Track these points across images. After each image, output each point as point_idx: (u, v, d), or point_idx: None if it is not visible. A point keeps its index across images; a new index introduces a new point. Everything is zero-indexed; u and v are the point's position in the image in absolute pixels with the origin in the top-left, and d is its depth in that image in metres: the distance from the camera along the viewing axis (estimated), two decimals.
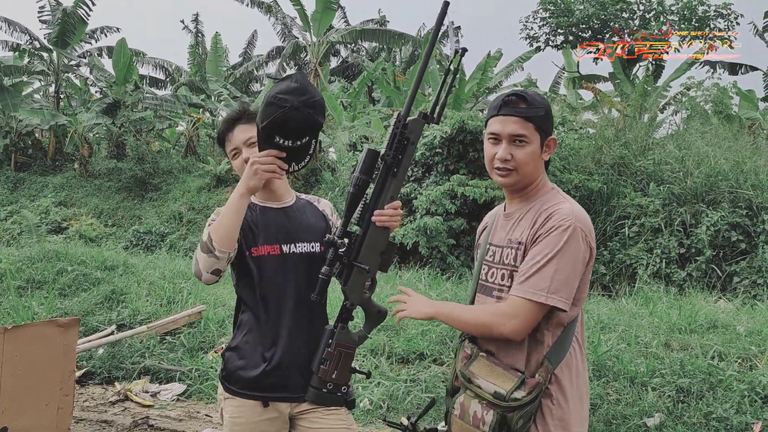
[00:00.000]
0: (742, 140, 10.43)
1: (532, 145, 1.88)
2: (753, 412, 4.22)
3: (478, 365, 1.86)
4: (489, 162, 1.96)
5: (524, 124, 1.86)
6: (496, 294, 1.92)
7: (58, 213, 16.44)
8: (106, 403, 5.09)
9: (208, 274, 2.05)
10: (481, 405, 1.79)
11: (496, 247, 1.97)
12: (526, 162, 1.89)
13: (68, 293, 7.26)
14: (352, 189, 2.01)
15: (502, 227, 1.99)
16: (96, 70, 21.03)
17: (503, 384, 1.77)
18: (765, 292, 7.48)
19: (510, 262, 1.89)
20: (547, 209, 1.86)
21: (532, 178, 1.93)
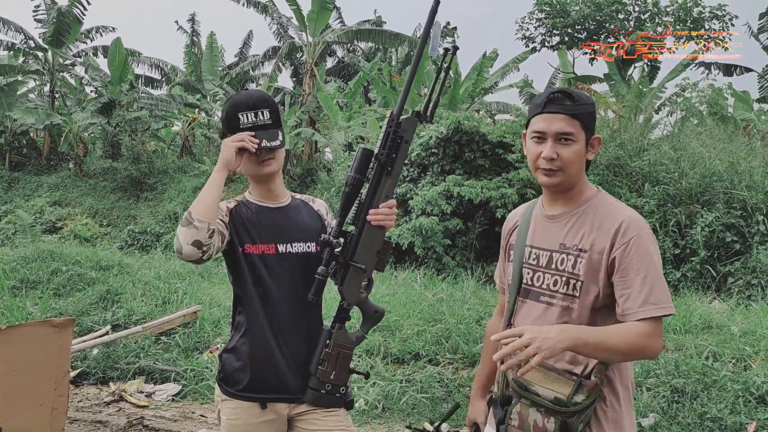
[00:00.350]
0: (736, 141, 10.46)
1: (579, 143, 1.82)
2: (747, 412, 4.23)
3: (532, 372, 1.76)
4: (533, 161, 1.87)
5: (571, 122, 1.80)
6: (546, 300, 1.86)
7: (53, 213, 16.38)
8: (100, 404, 5.07)
9: (188, 246, 1.97)
10: (540, 413, 1.74)
11: (541, 250, 1.90)
12: (572, 161, 1.81)
13: (63, 293, 7.24)
14: (346, 188, 2.01)
15: (547, 230, 1.91)
16: (91, 69, 20.98)
17: (561, 389, 1.72)
18: (759, 293, 7.51)
19: (567, 269, 1.82)
20: (611, 216, 1.81)
21: (577, 179, 1.87)
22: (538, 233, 1.93)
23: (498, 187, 9.35)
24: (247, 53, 27.28)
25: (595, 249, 1.79)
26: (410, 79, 2.03)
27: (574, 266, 1.81)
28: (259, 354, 2.17)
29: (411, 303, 6.54)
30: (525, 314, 1.91)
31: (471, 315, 6.06)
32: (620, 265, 1.75)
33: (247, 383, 2.17)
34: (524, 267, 1.93)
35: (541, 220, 1.94)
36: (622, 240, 1.76)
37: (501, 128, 10.15)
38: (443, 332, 5.64)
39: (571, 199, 1.89)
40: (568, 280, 1.82)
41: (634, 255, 1.74)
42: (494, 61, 17.59)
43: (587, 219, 1.84)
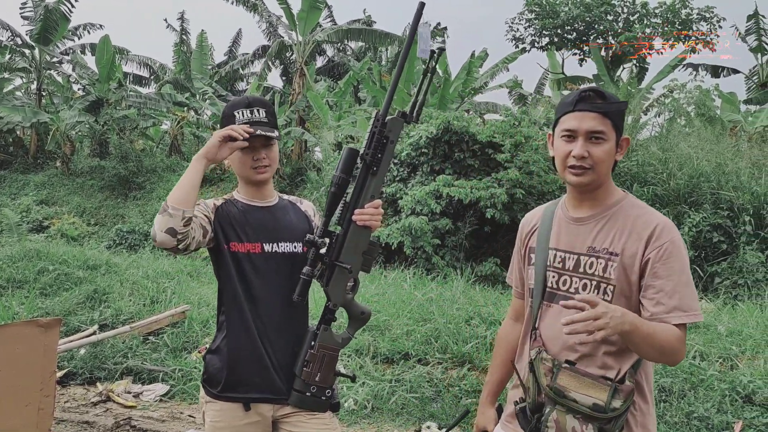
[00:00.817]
0: (723, 142, 10.56)
1: (610, 142, 1.79)
2: (734, 411, 4.27)
3: (565, 377, 1.75)
4: (562, 160, 1.83)
5: (602, 120, 1.78)
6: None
7: (40, 211, 16.25)
8: (87, 404, 5.04)
9: (162, 233, 1.95)
10: (577, 420, 1.70)
11: (568, 253, 1.86)
12: (603, 160, 1.79)
13: (49, 293, 7.19)
14: (332, 188, 2.01)
15: (572, 232, 1.88)
16: (79, 67, 20.83)
17: (598, 395, 1.69)
18: (746, 293, 7.58)
19: (598, 273, 1.80)
20: (643, 220, 1.79)
21: (606, 179, 1.84)
22: (563, 236, 1.89)
23: (487, 187, 9.37)
24: (237, 52, 27.19)
25: (627, 253, 1.77)
26: (396, 79, 2.02)
27: (605, 270, 1.78)
28: (243, 354, 2.15)
29: (400, 303, 6.54)
30: (553, 319, 1.85)
31: (460, 315, 6.06)
32: (652, 269, 1.74)
33: (230, 383, 2.15)
34: (549, 270, 1.89)
35: (565, 222, 1.91)
36: (655, 243, 1.74)
37: (490, 128, 10.17)
38: (432, 332, 5.64)
39: (599, 201, 1.86)
40: (599, 284, 1.79)
41: (667, 259, 1.73)
42: (484, 60, 17.63)
43: (617, 222, 1.81)
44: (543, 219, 1.97)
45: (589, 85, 2.12)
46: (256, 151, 2.17)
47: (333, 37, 19.38)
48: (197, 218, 2.07)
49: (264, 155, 2.18)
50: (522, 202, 9.33)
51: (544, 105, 16.60)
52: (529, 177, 9.60)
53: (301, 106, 18.15)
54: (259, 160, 2.17)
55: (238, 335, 2.16)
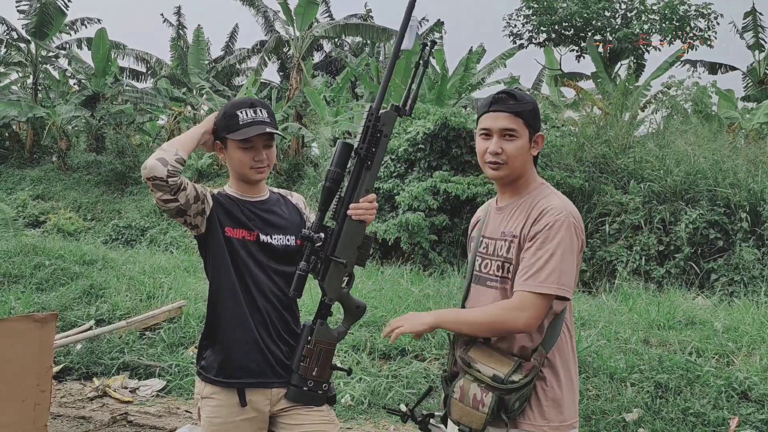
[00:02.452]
0: (721, 139, 10.56)
1: (522, 139, 1.96)
2: (730, 407, 4.28)
3: (476, 351, 1.93)
4: (481, 156, 2.01)
5: (514, 119, 1.94)
6: (491, 284, 2.01)
7: (36, 206, 16.19)
8: (84, 399, 5.03)
9: (153, 159, 2.00)
10: (480, 388, 1.87)
11: (489, 239, 2.04)
12: (516, 155, 1.96)
13: (46, 288, 7.17)
14: (326, 183, 2.02)
15: (495, 220, 2.06)
16: (75, 61, 20.73)
17: (501, 368, 1.86)
18: (742, 290, 7.59)
19: (503, 254, 1.97)
20: (539, 204, 1.94)
21: (522, 171, 2.01)
22: (489, 224, 2.08)
23: (484, 183, 9.37)
24: (234, 47, 27.11)
25: (522, 234, 1.94)
26: (388, 74, 2.05)
27: (507, 251, 1.97)
28: (238, 340, 2.16)
29: (397, 299, 6.54)
30: (474, 298, 2.07)
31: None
32: (528, 243, 1.91)
33: (226, 369, 2.16)
34: (477, 255, 2.08)
35: (492, 212, 2.10)
36: (537, 224, 1.90)
37: None
38: None
39: (517, 192, 2.04)
40: (503, 264, 1.98)
41: (541, 236, 1.88)
42: (481, 56, 17.60)
43: (524, 208, 1.98)
44: (484, 211, 2.18)
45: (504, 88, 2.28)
46: (257, 151, 2.17)
47: (330, 32, 19.31)
48: (192, 186, 2.10)
49: (264, 155, 2.19)
50: None
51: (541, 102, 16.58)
52: None
53: (298, 102, 18.10)
54: (260, 161, 2.18)
55: (233, 322, 2.17)
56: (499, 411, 1.85)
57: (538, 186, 2.04)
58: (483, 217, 2.15)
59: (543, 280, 1.85)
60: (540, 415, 1.91)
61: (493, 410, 1.84)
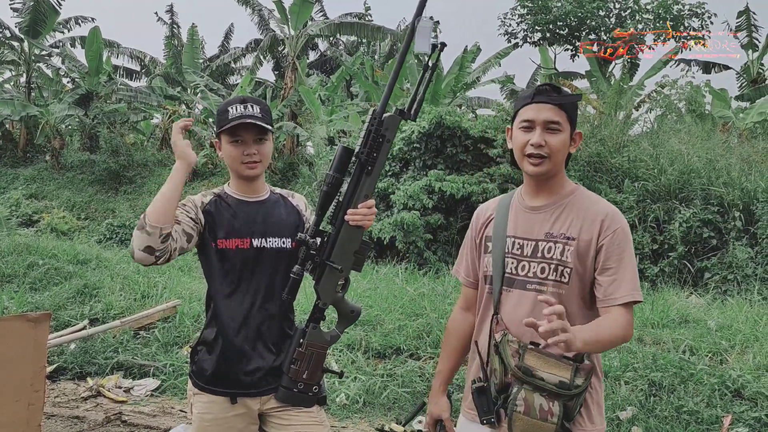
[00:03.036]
0: (714, 139, 10.61)
1: (565, 133, 1.90)
2: (723, 405, 4.30)
3: (531, 358, 1.83)
4: (520, 149, 1.93)
5: (558, 112, 1.88)
6: (535, 287, 1.91)
7: (29, 206, 16.12)
8: (78, 399, 5.01)
9: (140, 251, 1.98)
10: (544, 397, 1.78)
11: (525, 240, 1.95)
12: (559, 149, 1.90)
13: (39, 287, 7.14)
14: (324, 187, 1.97)
15: (530, 220, 1.97)
16: (68, 60, 20.65)
17: (563, 373, 1.79)
18: (735, 288, 7.62)
19: (555, 257, 1.89)
20: (597, 209, 1.91)
21: (560, 168, 1.96)
22: (520, 224, 1.98)
23: (479, 182, 9.38)
24: (229, 45, 27.05)
25: (583, 238, 1.88)
26: (394, 76, 1.97)
27: (562, 254, 1.89)
28: (229, 348, 2.17)
29: (392, 298, 6.54)
30: (514, 303, 1.93)
31: (452, 309, 6.07)
32: (607, 253, 1.86)
33: (217, 377, 2.17)
34: (507, 257, 1.96)
35: (522, 211, 1.99)
36: (609, 230, 1.87)
37: (483, 123, 10.18)
38: (424, 327, 5.65)
39: (554, 191, 1.96)
40: (557, 267, 1.89)
41: (620, 244, 1.86)
42: (476, 55, 17.61)
43: (573, 210, 1.92)
44: (498, 209, 2.06)
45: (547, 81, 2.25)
46: (246, 145, 2.16)
47: (325, 31, 19.30)
48: (180, 225, 2.08)
49: (255, 150, 2.17)
50: None
51: None
52: (521, 172, 9.61)
53: (293, 101, 18.08)
54: (249, 155, 2.16)
55: (225, 330, 2.18)
56: (563, 419, 1.79)
57: (577, 187, 2.00)
58: (499, 215, 2.04)
59: (635, 287, 1.85)
60: (588, 419, 1.88)
61: (561, 419, 1.77)
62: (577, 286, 1.89)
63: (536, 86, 1.94)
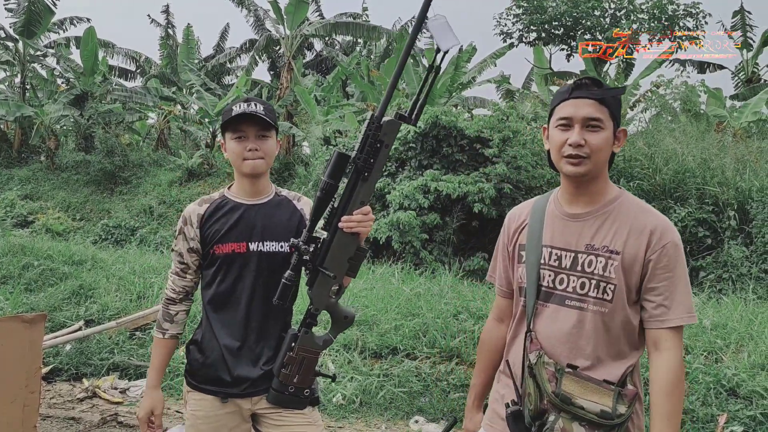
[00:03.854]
0: (709, 138, 10.64)
1: (607, 131, 1.72)
2: (718, 404, 4.31)
3: (570, 383, 1.68)
4: (557, 150, 1.75)
5: (599, 108, 1.71)
6: (576, 304, 1.75)
7: (24, 206, 16.07)
8: (73, 400, 5.00)
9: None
10: (583, 427, 1.64)
11: (564, 251, 1.78)
12: (601, 148, 1.71)
13: (34, 288, 7.12)
14: (318, 193, 1.92)
15: (568, 229, 1.79)
16: (63, 60, 20.60)
17: (604, 401, 1.64)
18: (730, 287, 7.65)
19: (598, 272, 1.73)
20: (646, 220, 1.73)
21: (602, 169, 1.76)
22: (557, 233, 1.81)
23: (475, 181, 9.39)
24: (224, 46, 27.01)
25: (628, 252, 1.71)
26: (395, 79, 1.86)
27: (605, 269, 1.72)
28: (222, 349, 2.18)
29: (388, 298, 6.54)
30: (550, 319, 1.78)
31: (448, 309, 6.08)
32: (654, 271, 1.70)
33: (209, 377, 2.19)
34: (543, 269, 1.80)
35: (560, 218, 1.82)
36: (657, 245, 1.70)
37: (479, 123, 10.19)
38: (421, 326, 5.65)
39: (595, 197, 1.79)
40: (598, 283, 1.73)
41: (670, 260, 1.70)
42: (471, 55, 17.63)
43: (617, 220, 1.75)
44: (533, 214, 1.88)
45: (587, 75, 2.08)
46: (250, 140, 2.16)
47: (321, 30, 19.29)
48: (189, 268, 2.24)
49: (256, 146, 2.16)
50: (510, 196, 9.36)
51: (531, 100, 16.63)
52: (517, 172, 9.63)
53: (288, 101, 18.07)
54: (251, 150, 2.15)
55: (218, 331, 2.19)
56: None
57: (621, 193, 1.80)
58: (534, 221, 1.86)
59: (690, 309, 1.70)
60: None
61: None
62: (622, 305, 1.72)
63: (575, 80, 1.78)
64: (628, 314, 1.73)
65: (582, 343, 1.74)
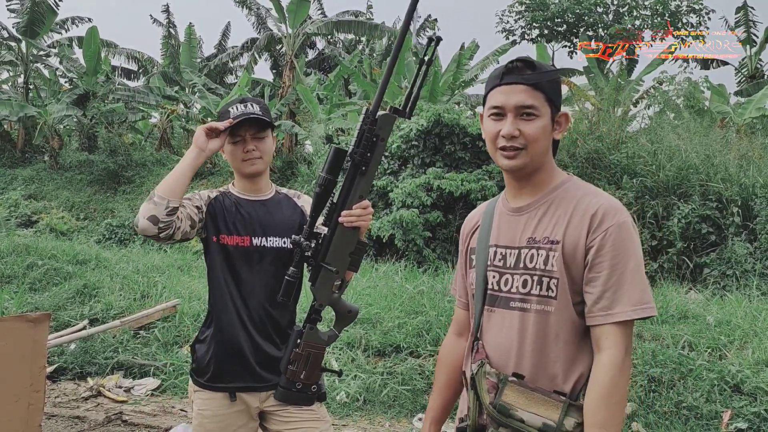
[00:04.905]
0: (712, 134, 10.61)
1: (543, 118, 1.55)
2: (722, 400, 4.30)
3: (512, 393, 1.52)
4: (492, 141, 1.60)
5: (533, 93, 1.54)
6: (519, 305, 1.58)
7: (28, 206, 16.11)
8: (78, 399, 5.02)
9: (144, 219, 2.02)
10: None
11: (508, 248, 1.62)
12: (537, 138, 1.55)
13: (39, 288, 7.14)
14: (317, 189, 1.94)
15: (512, 224, 1.63)
16: (66, 60, 20.63)
17: (548, 413, 1.47)
18: (734, 284, 7.63)
19: (539, 266, 1.55)
20: (587, 202, 1.54)
21: (543, 160, 1.60)
22: (502, 230, 1.65)
23: (478, 179, 9.38)
24: (226, 45, 27.01)
25: (569, 240, 1.53)
26: (387, 75, 1.88)
27: (546, 262, 1.54)
28: (229, 345, 2.20)
29: (392, 296, 6.55)
30: (497, 325, 1.62)
31: (452, 307, 6.07)
32: (596, 257, 1.50)
33: (216, 374, 2.20)
34: (489, 270, 1.64)
35: (505, 215, 1.67)
36: (600, 228, 1.50)
37: None
38: (424, 324, 5.65)
39: (539, 187, 1.62)
40: (541, 279, 1.55)
41: (615, 245, 1.49)
42: (474, 52, 17.60)
43: (559, 206, 1.57)
44: (484, 216, 1.74)
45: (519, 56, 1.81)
46: (245, 142, 2.20)
47: (323, 29, 19.28)
48: (185, 209, 2.12)
49: (254, 147, 2.20)
50: None
51: None
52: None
53: (290, 100, 18.07)
54: (249, 152, 2.20)
55: (225, 326, 2.21)
56: None
57: (568, 179, 1.63)
58: (484, 222, 1.72)
59: (641, 302, 1.48)
60: None
61: None
62: (567, 302, 1.53)
63: (506, 63, 1.60)
64: (579, 309, 1.54)
65: (527, 348, 1.56)
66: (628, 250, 1.50)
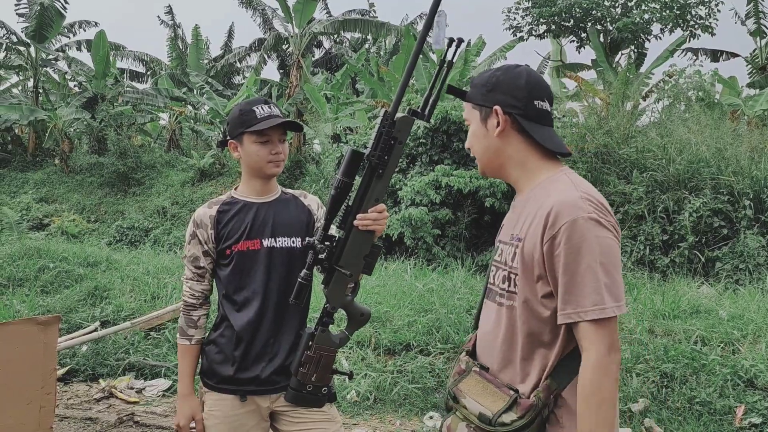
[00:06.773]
0: (723, 127, 10.51)
1: (472, 125, 1.68)
2: (736, 395, 4.27)
3: (469, 382, 1.60)
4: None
5: (466, 108, 1.70)
6: (497, 299, 1.64)
7: (40, 209, 16.24)
8: (90, 401, 5.04)
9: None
10: (468, 429, 1.56)
11: (502, 243, 1.69)
12: (471, 145, 1.71)
13: (50, 290, 7.19)
14: (332, 191, 1.92)
15: (508, 221, 1.72)
16: (75, 63, 20.75)
17: (492, 405, 1.52)
18: (747, 277, 7.57)
19: (508, 262, 1.61)
20: (547, 201, 1.52)
21: (500, 161, 1.65)
22: (504, 226, 1.74)
23: (486, 177, 9.36)
24: (232, 45, 27.08)
25: (528, 239, 1.54)
26: (406, 76, 1.83)
27: (513, 258, 1.58)
28: (237, 347, 2.19)
29: (401, 294, 6.54)
30: (485, 316, 1.71)
31: (461, 304, 6.06)
32: (552, 257, 1.48)
33: (227, 376, 2.20)
34: (492, 264, 1.73)
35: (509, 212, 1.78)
36: (554, 226, 1.48)
37: None
38: (434, 322, 5.64)
39: (519, 185, 1.68)
40: (509, 275, 1.59)
41: (570, 244, 1.46)
42: (481, 49, 17.53)
43: (532, 203, 1.59)
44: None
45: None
46: (273, 144, 2.20)
47: (329, 28, 19.28)
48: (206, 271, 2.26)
49: (279, 149, 2.21)
50: None
51: None
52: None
53: (298, 99, 18.10)
54: (277, 154, 2.20)
55: (233, 327, 2.21)
56: None
57: (554, 174, 1.61)
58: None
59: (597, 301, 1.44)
60: None
61: None
62: (527, 299, 1.54)
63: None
64: (535, 309, 1.53)
65: (499, 341, 1.60)
66: (581, 249, 1.45)
